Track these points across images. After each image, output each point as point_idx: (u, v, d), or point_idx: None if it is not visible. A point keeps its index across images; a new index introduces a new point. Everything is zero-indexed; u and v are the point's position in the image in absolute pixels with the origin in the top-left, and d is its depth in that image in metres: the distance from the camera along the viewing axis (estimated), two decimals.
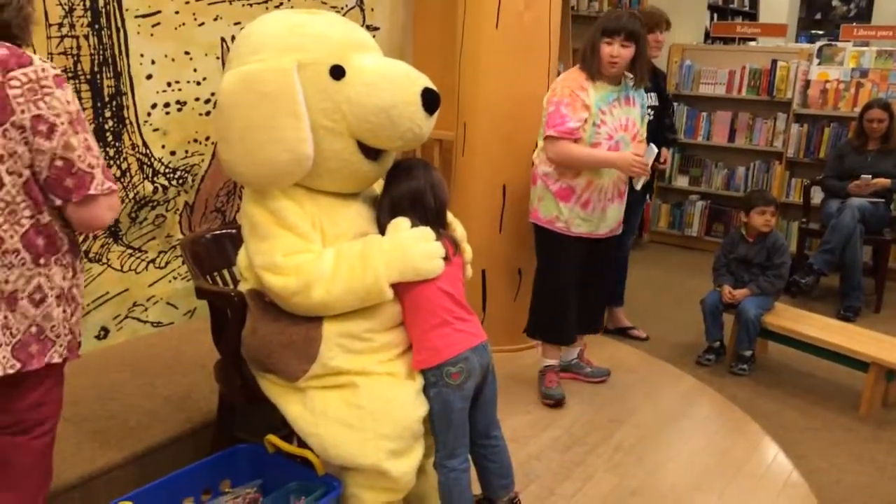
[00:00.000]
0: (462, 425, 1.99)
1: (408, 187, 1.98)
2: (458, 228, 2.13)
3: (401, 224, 1.93)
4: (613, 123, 2.91)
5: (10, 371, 1.53)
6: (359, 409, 1.85)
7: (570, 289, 3.08)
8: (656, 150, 2.91)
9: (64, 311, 1.62)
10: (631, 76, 2.97)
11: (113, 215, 1.60)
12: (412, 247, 1.89)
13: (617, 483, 2.59)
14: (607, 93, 2.92)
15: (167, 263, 3.24)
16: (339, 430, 1.85)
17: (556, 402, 3.08)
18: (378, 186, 2.09)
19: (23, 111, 1.44)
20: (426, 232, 1.93)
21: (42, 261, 1.55)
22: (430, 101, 1.86)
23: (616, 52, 2.84)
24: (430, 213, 1.99)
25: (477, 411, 2.05)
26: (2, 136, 1.43)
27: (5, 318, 1.52)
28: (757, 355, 3.79)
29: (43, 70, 1.48)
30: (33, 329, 1.56)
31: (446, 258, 1.94)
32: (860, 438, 3.11)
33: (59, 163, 1.49)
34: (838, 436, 3.12)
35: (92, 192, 1.53)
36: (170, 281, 3.26)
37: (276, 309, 1.90)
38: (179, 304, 3.32)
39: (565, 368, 3.32)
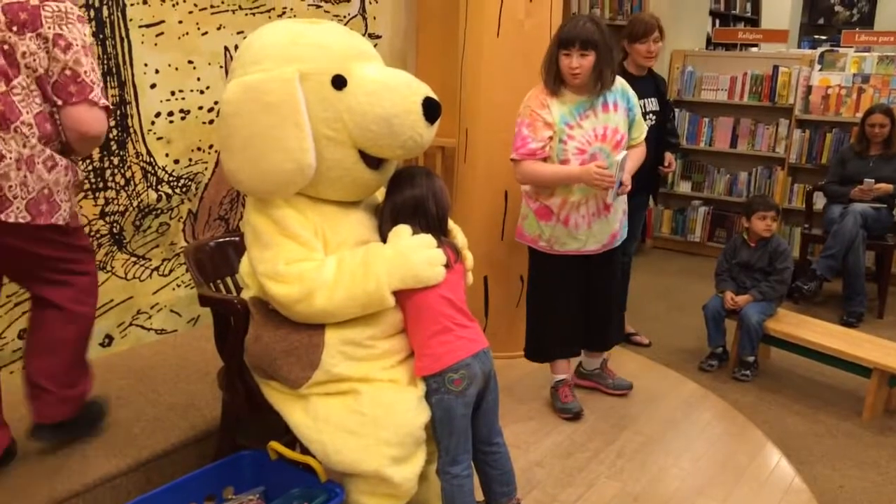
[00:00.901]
0: (464, 432, 1.99)
1: (410, 195, 1.99)
2: (459, 236, 2.14)
3: (402, 231, 1.94)
4: (585, 136, 2.76)
5: (22, 221, 1.85)
6: (361, 415, 1.87)
7: (561, 308, 2.98)
8: (625, 153, 2.75)
9: (67, 177, 1.95)
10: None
11: (100, 128, 1.93)
12: (414, 254, 1.90)
13: (619, 489, 2.59)
14: (575, 105, 2.77)
15: (171, 271, 3.25)
16: (342, 436, 1.86)
17: (574, 416, 3.03)
18: (380, 194, 2.10)
19: (49, 27, 1.82)
20: (428, 239, 1.94)
21: (45, 142, 1.84)
22: (431, 110, 1.87)
23: (576, 62, 2.68)
24: (431, 221, 2.00)
25: (479, 418, 2.05)
26: (30, 40, 1.79)
27: (25, 177, 1.82)
28: (760, 361, 3.79)
29: (71, 8, 1.88)
30: (45, 191, 1.86)
31: (448, 265, 1.95)
32: (863, 444, 3.11)
33: (68, 72, 1.84)
34: (841, 441, 3.12)
35: (90, 97, 1.86)
36: (173, 289, 3.28)
37: (279, 316, 1.91)
38: (183, 311, 3.33)
39: (587, 377, 3.28)
